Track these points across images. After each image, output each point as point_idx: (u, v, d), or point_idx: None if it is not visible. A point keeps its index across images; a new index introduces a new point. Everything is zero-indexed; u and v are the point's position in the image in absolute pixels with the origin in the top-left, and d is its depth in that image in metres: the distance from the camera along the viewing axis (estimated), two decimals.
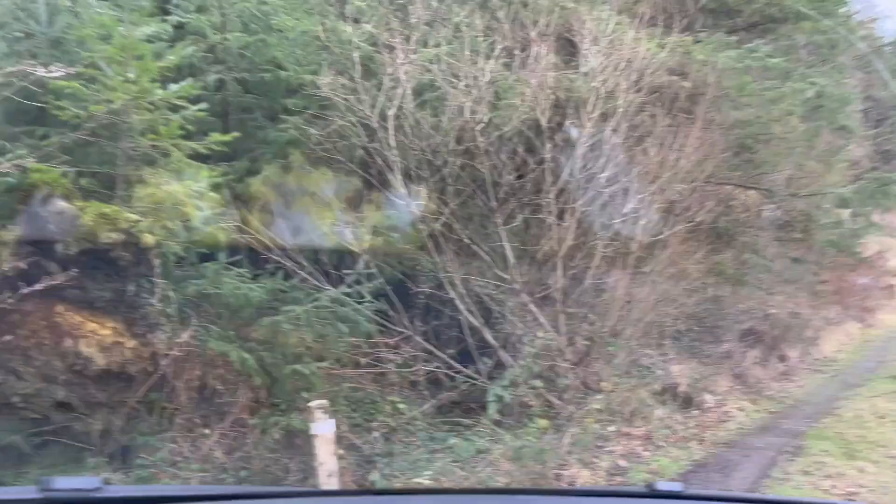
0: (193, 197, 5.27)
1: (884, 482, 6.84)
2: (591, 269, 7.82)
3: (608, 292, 7.97)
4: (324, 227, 6.50)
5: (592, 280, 7.92)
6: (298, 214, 6.47)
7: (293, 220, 6.61)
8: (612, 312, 7.87)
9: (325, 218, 6.47)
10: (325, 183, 6.51)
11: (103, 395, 5.61)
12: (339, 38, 7.42)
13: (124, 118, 5.41)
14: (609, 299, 7.93)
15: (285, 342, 5.99)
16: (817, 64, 13.36)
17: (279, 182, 6.51)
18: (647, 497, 1.87)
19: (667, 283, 8.36)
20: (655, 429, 7.86)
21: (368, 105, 7.01)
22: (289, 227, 6.61)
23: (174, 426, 5.61)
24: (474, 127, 7.25)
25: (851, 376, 11.81)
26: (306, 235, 6.44)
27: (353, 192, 6.97)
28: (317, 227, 6.43)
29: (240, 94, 7.24)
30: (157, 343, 5.46)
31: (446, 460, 6.29)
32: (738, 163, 10.53)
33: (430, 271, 7.78)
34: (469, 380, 7.41)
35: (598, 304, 8.26)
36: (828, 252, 13.79)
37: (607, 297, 7.98)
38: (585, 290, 8.03)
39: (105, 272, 5.47)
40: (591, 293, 8.14)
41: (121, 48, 5.36)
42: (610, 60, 7.63)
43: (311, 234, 6.41)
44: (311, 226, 6.42)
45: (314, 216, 6.46)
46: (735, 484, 6.85)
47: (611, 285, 7.94)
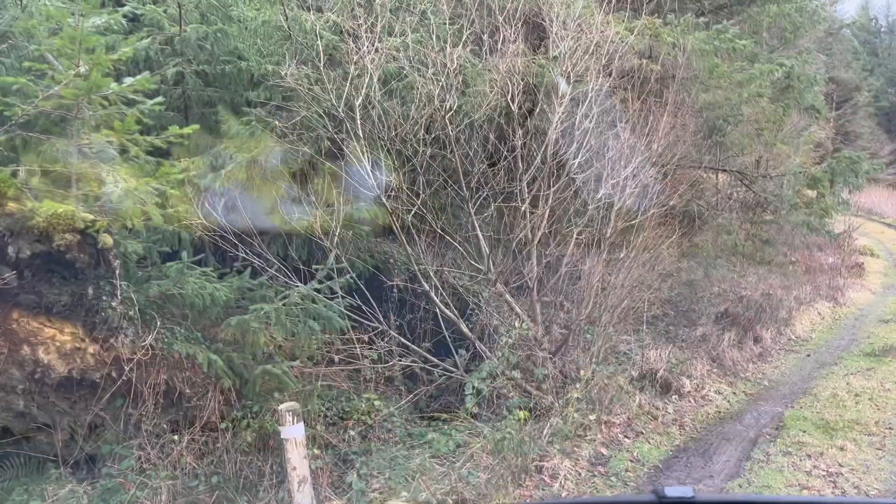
0: (152, 194, 5.04)
1: (864, 460, 6.85)
2: (566, 257, 7.74)
3: (583, 279, 7.88)
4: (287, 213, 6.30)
5: (567, 268, 7.84)
6: (261, 205, 6.27)
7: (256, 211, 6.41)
8: (588, 299, 7.78)
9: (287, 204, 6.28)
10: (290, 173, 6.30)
11: (65, 404, 5.37)
12: (302, 28, 7.22)
13: (76, 114, 5.17)
14: (584, 286, 7.85)
15: (255, 342, 5.81)
16: (780, 47, 13.46)
17: (241, 177, 6.30)
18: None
19: (641, 269, 8.29)
20: (635, 415, 7.80)
21: (334, 95, 6.82)
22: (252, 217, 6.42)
23: (141, 433, 5.39)
24: (444, 115, 7.10)
25: (825, 355, 11.90)
26: (269, 223, 6.25)
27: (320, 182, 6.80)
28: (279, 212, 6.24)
29: (200, 88, 7.02)
30: (120, 347, 5.24)
31: (425, 456, 6.15)
32: (709, 145, 10.54)
33: (402, 264, 7.64)
34: (446, 373, 7.28)
35: (574, 291, 8.18)
36: (798, 232, 13.92)
37: (583, 285, 7.89)
38: (561, 277, 7.95)
39: (61, 275, 5.22)
40: (566, 281, 8.06)
41: (70, 41, 5.11)
42: (579, 44, 7.52)
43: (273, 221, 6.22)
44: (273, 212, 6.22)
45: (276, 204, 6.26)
46: (717, 468, 6.81)
47: (586, 272, 7.84)
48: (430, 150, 7.19)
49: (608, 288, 7.97)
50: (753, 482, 6.44)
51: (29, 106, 4.98)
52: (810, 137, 18.10)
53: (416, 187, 7.20)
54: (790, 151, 13.95)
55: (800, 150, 15.83)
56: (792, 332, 13.22)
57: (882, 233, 28.43)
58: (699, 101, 9.35)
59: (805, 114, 12.51)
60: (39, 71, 5.26)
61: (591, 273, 7.80)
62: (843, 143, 37.29)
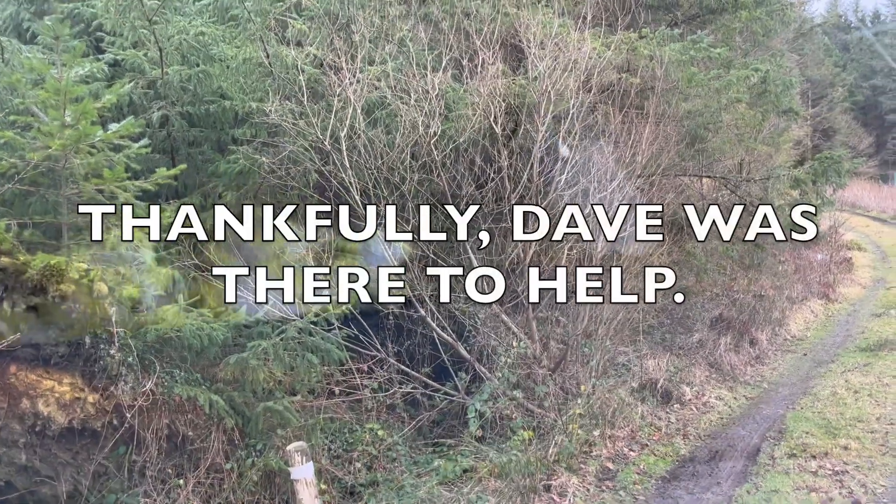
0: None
1: (869, 457, 6.89)
2: (559, 273, 7.78)
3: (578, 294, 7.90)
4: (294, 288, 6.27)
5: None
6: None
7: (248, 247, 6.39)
8: (584, 314, 7.81)
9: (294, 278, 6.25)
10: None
11: (67, 455, 5.33)
12: (283, 63, 7.27)
13: (65, 164, 5.18)
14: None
15: (254, 379, 5.79)
16: (752, 50, 13.65)
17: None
18: None
19: (634, 280, 8.34)
20: (639, 427, 7.81)
21: (319, 128, 6.87)
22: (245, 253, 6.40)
23: (146, 479, 5.35)
24: (428, 141, 7.16)
25: (821, 353, 11.96)
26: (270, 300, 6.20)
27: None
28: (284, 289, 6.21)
29: (185, 129, 7.04)
30: (120, 395, 5.20)
31: (432, 483, 6.13)
32: (692, 153, 10.65)
33: (397, 290, 7.64)
34: (447, 397, 7.28)
35: (569, 306, 8.20)
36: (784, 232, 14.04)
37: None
38: (555, 294, 7.98)
39: (58, 326, 5.20)
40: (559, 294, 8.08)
41: (55, 92, 5.13)
42: (557, 63, 7.61)
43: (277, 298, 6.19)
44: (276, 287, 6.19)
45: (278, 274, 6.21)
46: (723, 475, 6.83)
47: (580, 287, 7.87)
48: (418, 175, 7.24)
49: (603, 301, 8.00)
50: (761, 486, 6.46)
51: (17, 159, 4.99)
52: (789, 137, 18.34)
53: (405, 213, 7.24)
54: (771, 152, 14.12)
55: (780, 150, 16.02)
56: (787, 332, 13.29)
57: (867, 226, 28.70)
58: (680, 110, 9.46)
59: (783, 116, 12.66)
60: (25, 123, 5.28)
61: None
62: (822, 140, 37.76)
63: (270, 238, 6.12)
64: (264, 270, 5.97)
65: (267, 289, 5.95)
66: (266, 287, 5.94)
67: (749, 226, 12.03)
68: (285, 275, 6.08)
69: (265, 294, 5.98)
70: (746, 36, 13.13)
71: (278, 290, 6.06)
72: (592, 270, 7.51)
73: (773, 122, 14.09)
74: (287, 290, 6.08)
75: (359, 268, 6.52)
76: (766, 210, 9.18)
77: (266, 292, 5.97)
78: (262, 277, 5.93)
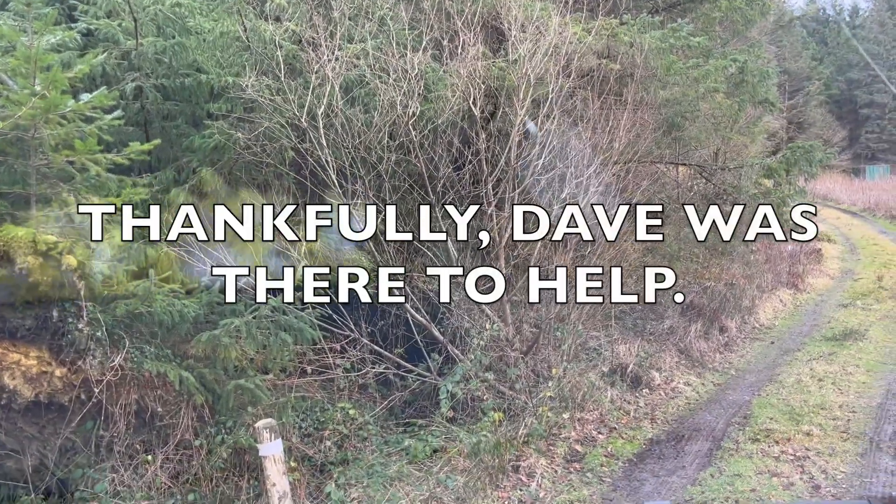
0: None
1: (830, 443, 7.05)
2: (534, 257, 7.81)
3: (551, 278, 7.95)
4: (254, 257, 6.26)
5: (535, 262, 7.90)
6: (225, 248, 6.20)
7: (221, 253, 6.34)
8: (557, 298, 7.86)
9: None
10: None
11: (34, 429, 5.27)
12: (260, 38, 7.18)
13: (34, 134, 5.07)
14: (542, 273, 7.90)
15: (226, 356, 5.76)
16: (732, 39, 13.73)
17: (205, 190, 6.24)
18: None
19: (608, 264, 8.40)
20: (608, 411, 7.92)
21: (296, 105, 6.80)
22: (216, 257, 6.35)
23: (113, 455, 5.31)
24: (407, 121, 7.12)
25: (788, 341, 12.18)
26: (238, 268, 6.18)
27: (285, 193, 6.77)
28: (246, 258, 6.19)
29: (160, 101, 6.93)
30: (88, 369, 5.15)
31: (402, 462, 6.17)
32: (669, 141, 10.71)
33: (372, 271, 7.62)
34: (420, 378, 7.31)
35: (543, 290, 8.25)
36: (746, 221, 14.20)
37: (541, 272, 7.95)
38: (529, 277, 8.01)
39: (25, 298, 5.12)
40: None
41: (25, 59, 5.02)
42: (538, 47, 7.59)
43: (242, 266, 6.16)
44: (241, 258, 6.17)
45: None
46: (688, 459, 6.95)
47: (553, 271, 7.92)
48: (395, 156, 7.21)
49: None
50: (725, 471, 6.59)
51: None
52: (765, 128, 18.52)
53: (382, 193, 7.22)
54: (746, 142, 14.26)
55: (756, 140, 16.18)
56: (756, 321, 13.50)
57: (838, 218, 29.14)
58: (658, 97, 9.50)
59: (759, 106, 12.77)
60: None
61: (559, 271, 7.88)
62: (797, 132, 38.23)
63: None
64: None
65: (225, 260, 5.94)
66: (225, 258, 5.94)
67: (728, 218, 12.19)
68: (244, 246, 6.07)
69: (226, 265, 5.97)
70: (726, 26, 13.20)
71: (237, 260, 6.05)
72: (592, 270, 7.63)
73: (749, 113, 14.22)
74: (247, 261, 6.07)
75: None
76: (766, 210, 9.27)
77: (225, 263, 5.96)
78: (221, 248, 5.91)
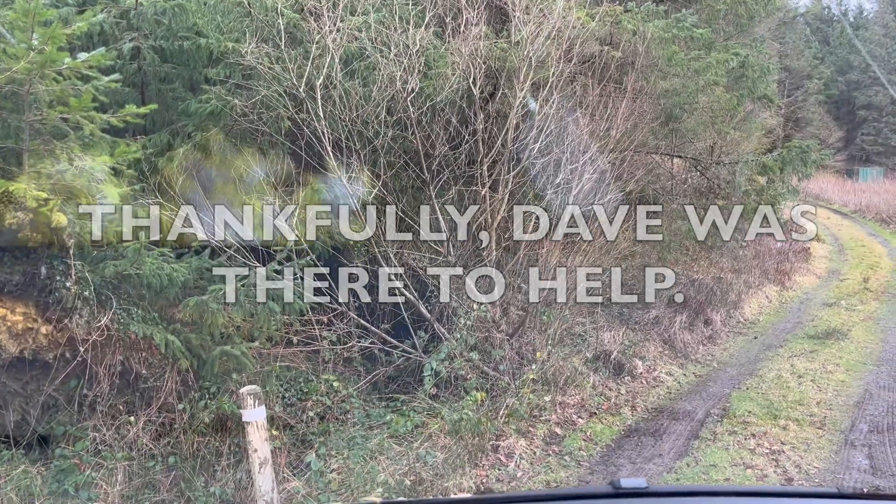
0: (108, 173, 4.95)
1: (805, 439, 7.15)
2: (524, 240, 7.84)
3: (541, 262, 7.99)
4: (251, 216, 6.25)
5: (526, 250, 7.94)
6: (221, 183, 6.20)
7: (215, 190, 6.34)
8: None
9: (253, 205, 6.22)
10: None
11: (17, 385, 5.29)
12: (262, 4, 7.12)
13: (29, 89, 5.03)
14: (542, 269, 7.96)
15: (213, 322, 5.78)
16: (735, 34, 13.70)
17: (200, 155, 6.21)
18: (612, 497, 1.85)
19: (597, 252, 8.44)
20: (589, 396, 7.99)
21: (295, 74, 6.76)
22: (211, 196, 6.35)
23: (96, 414, 5.34)
24: (405, 97, 7.10)
25: (771, 337, 12.29)
26: (232, 227, 6.17)
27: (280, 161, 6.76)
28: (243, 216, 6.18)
29: (157, 64, 6.88)
30: (75, 328, 5.16)
31: (383, 436, 6.22)
32: (666, 132, 10.73)
33: (363, 245, 7.63)
34: (405, 354, 7.35)
35: (532, 273, 8.29)
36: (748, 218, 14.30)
37: (540, 267, 8.00)
38: (519, 260, 8.05)
39: (13, 254, 5.11)
40: (524, 263, 8.15)
41: (23, 13, 4.96)
42: (541, 29, 7.56)
43: (238, 225, 6.16)
44: (237, 215, 6.16)
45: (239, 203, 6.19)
46: (666, 447, 7.04)
47: (543, 255, 7.95)
48: (392, 131, 7.20)
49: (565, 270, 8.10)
50: (701, 460, 6.68)
51: None
52: (762, 124, 18.54)
53: (377, 169, 7.21)
54: (743, 137, 14.29)
55: (752, 136, 16.21)
56: (741, 315, 13.60)
57: (828, 218, 29.27)
58: (657, 88, 9.49)
59: (758, 102, 12.78)
60: None
61: (548, 256, 7.92)
62: (793, 130, 38.26)
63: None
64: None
65: (225, 220, 5.94)
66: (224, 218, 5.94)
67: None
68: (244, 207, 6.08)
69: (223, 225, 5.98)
70: (731, 19, 13.16)
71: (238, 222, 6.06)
72: (592, 270, 7.68)
73: (747, 109, 14.24)
74: (247, 221, 6.07)
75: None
76: (766, 210, 9.31)
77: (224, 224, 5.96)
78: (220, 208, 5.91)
